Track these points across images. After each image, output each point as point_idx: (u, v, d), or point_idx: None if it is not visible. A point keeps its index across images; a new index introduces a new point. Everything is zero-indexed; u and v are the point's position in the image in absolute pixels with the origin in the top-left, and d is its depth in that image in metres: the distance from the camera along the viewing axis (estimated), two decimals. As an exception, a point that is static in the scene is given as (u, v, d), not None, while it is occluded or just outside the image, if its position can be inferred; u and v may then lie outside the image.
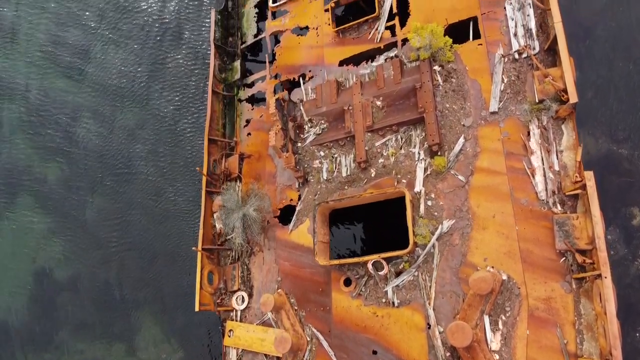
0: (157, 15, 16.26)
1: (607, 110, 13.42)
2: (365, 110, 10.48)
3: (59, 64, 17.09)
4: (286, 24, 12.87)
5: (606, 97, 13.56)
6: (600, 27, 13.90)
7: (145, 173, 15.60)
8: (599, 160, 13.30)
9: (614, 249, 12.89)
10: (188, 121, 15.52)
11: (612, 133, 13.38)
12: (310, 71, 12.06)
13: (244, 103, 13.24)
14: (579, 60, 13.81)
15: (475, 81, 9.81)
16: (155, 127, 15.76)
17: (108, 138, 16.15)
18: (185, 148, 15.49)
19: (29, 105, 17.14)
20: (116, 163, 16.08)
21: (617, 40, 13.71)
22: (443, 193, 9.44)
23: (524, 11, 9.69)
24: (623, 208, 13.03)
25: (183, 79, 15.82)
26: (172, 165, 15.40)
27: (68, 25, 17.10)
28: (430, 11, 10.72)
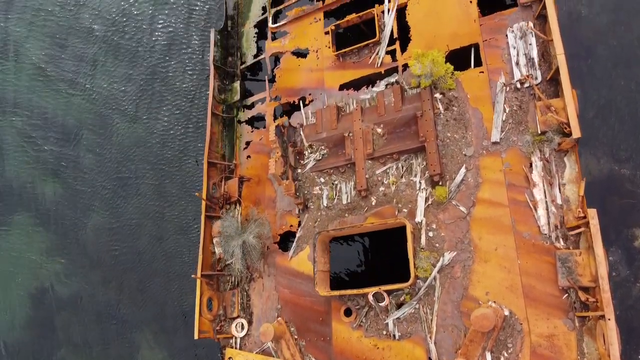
0: (155, 33, 16.18)
1: (609, 130, 13.35)
2: (365, 137, 10.40)
3: (56, 81, 17.01)
4: (286, 46, 12.79)
5: (608, 116, 13.48)
6: (602, 46, 13.83)
7: (144, 191, 15.52)
8: (600, 181, 13.23)
9: (615, 270, 12.82)
10: (187, 139, 15.44)
11: (614, 153, 13.31)
12: (311, 94, 11.98)
13: (243, 125, 13.17)
14: (579, 79, 13.77)
15: (476, 110, 9.73)
16: (154, 145, 15.68)
17: (106, 156, 16.07)
18: (185, 166, 15.41)
19: (26, 122, 17.06)
20: (114, 181, 15.99)
21: (619, 59, 13.64)
22: (444, 224, 9.36)
23: (525, 39, 9.61)
24: (625, 229, 12.95)
25: (182, 97, 15.74)
26: (171, 184, 15.32)
27: (65, 42, 17.01)
28: (432, 37, 10.64)
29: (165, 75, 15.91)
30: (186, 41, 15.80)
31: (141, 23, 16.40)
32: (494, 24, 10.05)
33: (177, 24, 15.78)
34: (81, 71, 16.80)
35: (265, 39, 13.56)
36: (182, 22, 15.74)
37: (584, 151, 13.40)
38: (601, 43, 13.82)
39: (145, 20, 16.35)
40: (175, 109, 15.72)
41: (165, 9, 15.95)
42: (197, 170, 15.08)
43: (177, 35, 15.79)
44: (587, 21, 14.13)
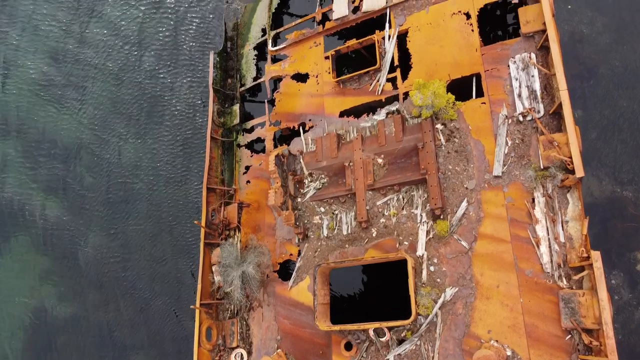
0: (154, 53, 16.07)
1: (611, 151, 13.28)
2: (366, 168, 10.30)
3: (55, 100, 16.92)
4: (286, 69, 12.68)
5: (610, 138, 13.41)
6: (604, 66, 13.75)
7: (143, 213, 15.42)
8: (603, 203, 13.15)
9: (618, 294, 12.75)
10: (186, 160, 15.34)
11: (616, 175, 13.23)
12: (311, 120, 11.88)
13: (243, 149, 13.08)
14: (581, 99, 13.68)
15: (478, 142, 9.62)
16: (153, 166, 15.59)
17: (104, 177, 15.98)
18: (184, 187, 15.32)
19: (24, 141, 16.98)
20: (113, 202, 15.90)
21: (621, 80, 13.56)
22: (446, 258, 9.26)
23: (528, 71, 9.51)
24: (627, 253, 12.88)
25: (181, 117, 15.64)
26: (169, 205, 15.23)
27: (63, 62, 16.91)
28: (433, 65, 10.54)
29: (164, 95, 15.80)
30: (186, 61, 15.70)
31: (140, 44, 16.29)
32: (495, 54, 9.95)
33: (177, 44, 15.68)
34: (79, 91, 16.69)
35: (264, 61, 13.46)
36: (181, 43, 15.63)
37: (586, 172, 13.30)
38: (604, 63, 13.74)
39: (144, 41, 16.25)
40: (174, 130, 15.63)
41: (166, 30, 15.85)
42: (196, 191, 14.99)
43: (176, 56, 15.70)
44: (589, 41, 14.04)
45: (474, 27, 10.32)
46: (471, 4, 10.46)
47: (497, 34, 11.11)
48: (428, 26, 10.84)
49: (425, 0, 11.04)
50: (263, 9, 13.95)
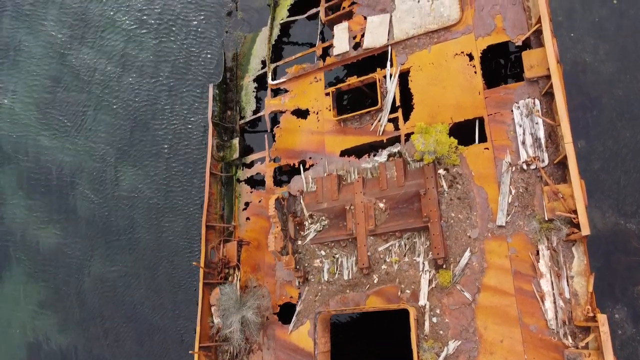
0: (154, 79, 15.90)
1: (614, 183, 13.11)
2: (367, 213, 10.15)
3: (51, 127, 16.78)
4: (286, 104, 12.53)
5: (613, 169, 13.25)
6: (607, 96, 13.58)
7: (142, 243, 15.28)
8: (606, 236, 12.98)
9: (621, 329, 12.58)
10: (185, 189, 15.17)
11: (620, 207, 13.06)
12: (311, 158, 11.73)
13: (242, 184, 12.92)
14: (584, 129, 13.53)
15: (481, 189, 9.47)
16: (152, 195, 15.44)
17: (103, 204, 15.82)
18: (183, 216, 15.16)
19: (20, 170, 16.83)
20: (111, 231, 15.75)
21: (624, 110, 13.39)
22: (449, 309, 9.10)
23: (532, 118, 9.36)
24: (631, 287, 12.71)
25: (181, 144, 15.47)
26: (169, 235, 15.07)
27: (60, 87, 16.75)
28: (435, 106, 10.39)
29: (163, 124, 15.65)
30: (185, 90, 15.54)
31: (139, 71, 16.12)
32: (499, 98, 9.80)
33: (176, 73, 15.51)
34: (77, 118, 16.55)
35: (264, 93, 13.31)
36: (180, 72, 15.46)
37: (590, 203, 13.15)
38: (606, 93, 13.58)
39: (143, 69, 16.08)
40: (172, 158, 15.47)
41: (165, 59, 15.69)
42: (194, 221, 14.83)
43: (175, 84, 15.55)
44: (592, 69, 13.88)
45: (477, 69, 10.17)
46: (474, 45, 10.31)
47: (500, 77, 10.93)
48: (430, 66, 10.69)
49: (427, 40, 10.88)
50: (263, 40, 13.79)
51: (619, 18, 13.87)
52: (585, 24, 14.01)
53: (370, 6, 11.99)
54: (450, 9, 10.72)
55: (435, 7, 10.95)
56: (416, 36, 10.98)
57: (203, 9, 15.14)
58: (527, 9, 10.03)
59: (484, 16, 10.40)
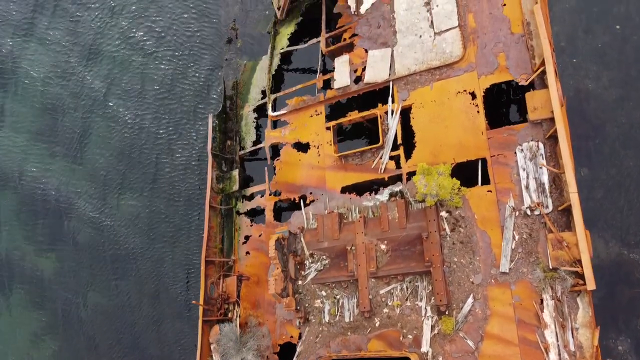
0: (153, 104, 15.77)
1: (618, 212, 12.98)
2: (369, 254, 10.03)
3: (51, 152, 16.66)
4: (286, 137, 12.41)
5: (617, 198, 13.12)
6: (610, 124, 13.44)
7: (141, 271, 15.15)
8: (609, 266, 12.85)
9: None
10: (186, 217, 15.03)
11: (623, 237, 12.93)
12: (312, 193, 11.61)
13: (242, 216, 12.78)
14: (587, 157, 13.41)
15: (484, 233, 9.34)
16: (151, 222, 15.34)
17: (103, 231, 15.70)
18: (182, 244, 15.02)
19: (19, 195, 16.71)
20: (111, 258, 15.62)
21: (628, 138, 13.27)
22: (452, 357, 8.99)
23: (535, 162, 9.23)
24: (634, 319, 12.58)
25: (181, 171, 15.35)
26: (169, 263, 14.93)
27: (59, 112, 16.64)
28: (437, 145, 10.27)
29: (163, 151, 15.53)
30: (184, 116, 15.40)
31: (138, 96, 16.00)
32: (502, 139, 9.67)
33: (175, 100, 15.38)
34: (75, 145, 16.43)
35: (264, 122, 13.19)
36: (179, 98, 15.32)
37: (592, 232, 13.02)
38: (609, 121, 13.45)
39: (142, 93, 15.96)
40: (172, 186, 15.36)
41: (164, 85, 15.55)
42: (193, 250, 14.68)
43: (174, 111, 15.40)
44: (594, 97, 13.75)
45: (479, 108, 10.05)
46: (476, 83, 10.19)
47: (503, 116, 10.78)
48: (432, 103, 10.57)
49: (429, 76, 10.76)
50: (263, 70, 13.68)
51: (622, 44, 13.75)
52: (588, 49, 13.89)
53: (371, 39, 11.87)
54: (453, 45, 10.60)
55: (437, 43, 10.83)
56: (418, 72, 10.85)
57: (202, 36, 15.02)
58: (531, 47, 9.90)
59: (487, 54, 10.28)
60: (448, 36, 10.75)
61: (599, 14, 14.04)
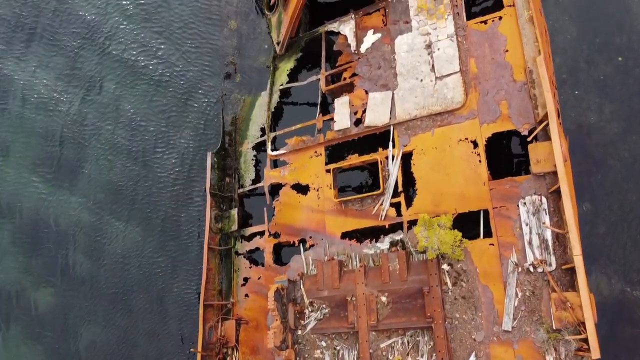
0: (151, 137, 15.63)
1: (620, 248, 12.85)
2: (369, 306, 9.90)
3: (50, 181, 16.52)
4: (286, 177, 12.27)
5: (619, 234, 13.00)
6: (613, 158, 13.30)
7: (141, 305, 15.02)
8: (612, 304, 12.73)
9: (627, 403, 12.29)
10: (185, 251, 14.89)
11: (626, 274, 12.81)
12: (311, 237, 11.49)
13: (241, 257, 12.64)
14: (589, 192, 13.29)
15: (486, 288, 9.22)
16: (150, 254, 15.18)
17: (101, 264, 15.58)
18: (181, 278, 14.86)
19: (18, 224, 16.56)
20: (109, 292, 15.49)
21: (631, 172, 13.15)
22: (453, 416, 8.81)
23: (539, 217, 9.09)
24: (637, 359, 12.43)
25: (180, 203, 15.19)
26: (167, 298, 14.77)
27: (59, 140, 16.49)
28: (439, 194, 10.14)
29: (161, 181, 15.35)
30: (182, 150, 15.23)
31: (136, 126, 15.86)
32: (504, 191, 9.54)
33: (173, 132, 15.22)
34: (75, 173, 16.28)
35: (264, 159, 13.07)
36: (177, 131, 15.17)
37: (595, 269, 12.94)
38: (612, 154, 13.32)
39: (142, 123, 15.81)
40: (172, 218, 15.16)
41: (162, 119, 15.41)
42: (193, 284, 14.50)
43: (172, 144, 15.23)
44: (596, 130, 13.62)
45: (481, 157, 9.92)
46: (478, 131, 10.06)
47: (505, 167, 10.63)
48: (433, 150, 10.44)
49: (430, 122, 10.63)
50: (262, 106, 13.55)
51: (624, 76, 13.64)
52: (590, 81, 13.78)
53: (372, 80, 11.74)
54: (454, 90, 10.47)
55: (438, 87, 10.70)
56: (419, 117, 10.71)
57: (200, 71, 14.85)
58: (533, 97, 9.77)
59: (489, 101, 10.16)
60: (449, 81, 10.61)
61: (601, 45, 13.91)
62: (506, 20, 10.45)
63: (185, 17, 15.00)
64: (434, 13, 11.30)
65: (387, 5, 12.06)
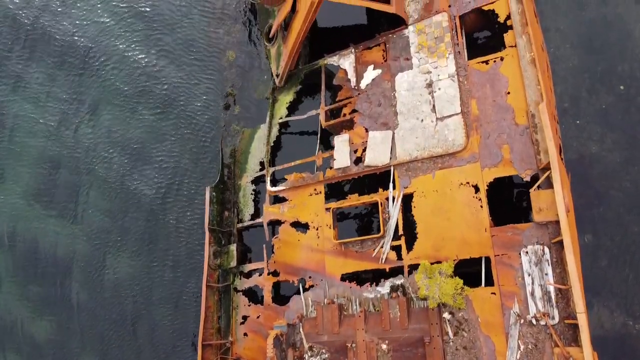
0: (149, 167, 15.51)
1: (623, 281, 12.74)
2: (369, 353, 9.83)
3: (48, 210, 16.39)
4: (285, 214, 12.14)
5: (621, 266, 12.89)
6: (615, 188, 13.18)
7: (139, 336, 14.87)
8: (614, 337, 12.61)
9: None
10: (183, 282, 14.76)
11: (628, 307, 12.70)
12: (311, 278, 11.38)
13: (240, 294, 12.51)
14: (591, 224, 13.14)
15: (488, 338, 9.10)
16: (149, 285, 15.07)
17: (98, 294, 15.47)
18: (180, 308, 14.72)
19: (17, 254, 16.44)
20: (106, 322, 15.41)
21: (633, 204, 13.05)
22: None
23: (541, 267, 8.97)
24: (640, 396, 12.28)
25: (178, 234, 15.07)
26: (165, 330, 14.63)
27: (57, 169, 16.38)
28: (439, 239, 10.03)
29: (159, 214, 15.24)
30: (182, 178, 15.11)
31: (136, 156, 15.76)
32: (506, 238, 9.42)
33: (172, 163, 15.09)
34: (72, 203, 16.16)
35: (263, 195, 12.93)
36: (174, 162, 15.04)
37: (597, 301, 12.82)
38: (614, 185, 13.19)
39: (140, 154, 15.71)
40: (170, 250, 15.06)
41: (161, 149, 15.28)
42: (191, 318, 14.37)
43: (171, 175, 15.11)
44: (598, 160, 13.51)
45: (482, 203, 9.79)
46: (480, 176, 9.94)
47: (507, 213, 10.47)
48: (434, 193, 10.32)
49: (431, 164, 10.51)
50: (261, 139, 13.43)
51: (626, 105, 13.53)
52: (592, 110, 13.68)
53: (372, 117, 11.62)
54: (455, 132, 10.35)
55: (439, 129, 10.58)
56: (420, 159, 10.58)
57: (199, 102, 14.72)
58: (536, 142, 9.64)
59: (490, 144, 10.04)
60: (450, 123, 10.49)
61: (602, 74, 13.81)
62: (508, 61, 10.33)
63: (184, 48, 14.88)
64: (434, 51, 11.17)
65: (388, 41, 11.95)
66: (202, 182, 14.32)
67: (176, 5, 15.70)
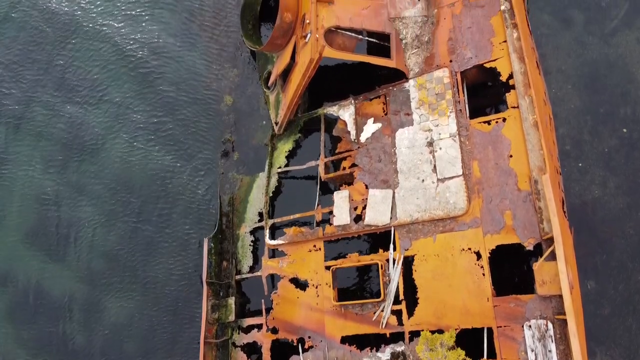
0: (146, 213, 15.33)
1: (626, 331, 12.62)
2: None
3: (43, 250, 16.18)
4: (284, 270, 11.98)
5: (625, 316, 12.77)
6: (617, 235, 13.04)
7: (136, 383, 14.67)
8: (618, 393, 12.41)
9: None
10: (180, 326, 14.57)
11: (632, 358, 12.52)
12: (310, 338, 11.24)
13: (238, 350, 12.35)
14: (593, 271, 13.02)
15: (491, 415, 8.89)
16: (147, 328, 14.85)
17: (95, 335, 15.27)
18: (179, 345, 14.53)
19: (9, 295, 16.21)
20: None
21: (636, 251, 12.90)
22: None
23: (544, 343, 8.80)
24: None
25: (175, 275, 14.86)
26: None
27: (52, 207, 16.18)
28: (441, 306, 9.89)
29: (157, 255, 15.05)
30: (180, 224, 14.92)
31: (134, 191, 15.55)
32: (509, 309, 9.26)
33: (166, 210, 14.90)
34: (68, 242, 15.96)
35: (262, 246, 12.75)
36: (171, 210, 14.85)
37: (600, 351, 12.66)
38: (617, 231, 13.06)
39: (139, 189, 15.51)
40: (166, 292, 14.85)
41: (160, 193, 15.09)
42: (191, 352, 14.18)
43: (165, 222, 14.93)
44: (601, 204, 13.37)
45: (485, 270, 9.62)
46: (482, 242, 9.78)
47: (510, 282, 10.30)
48: (435, 258, 10.16)
49: (432, 227, 10.34)
50: (259, 188, 13.26)
51: (629, 149, 13.43)
52: (594, 154, 13.57)
53: (372, 173, 11.45)
54: (457, 195, 10.18)
55: (440, 191, 10.40)
56: (420, 221, 10.40)
57: (196, 148, 14.52)
58: (539, 209, 9.45)
59: (493, 210, 9.87)
60: (452, 185, 10.32)
61: (605, 116, 13.68)
62: (510, 122, 10.16)
63: (178, 92, 14.68)
64: (435, 108, 11.00)
65: (388, 93, 11.79)
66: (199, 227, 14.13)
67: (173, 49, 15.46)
